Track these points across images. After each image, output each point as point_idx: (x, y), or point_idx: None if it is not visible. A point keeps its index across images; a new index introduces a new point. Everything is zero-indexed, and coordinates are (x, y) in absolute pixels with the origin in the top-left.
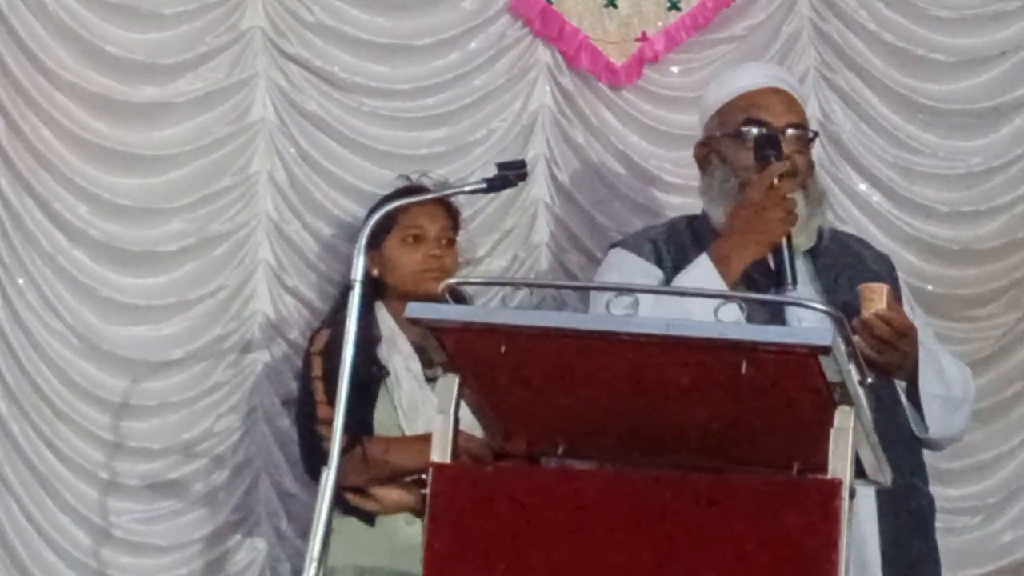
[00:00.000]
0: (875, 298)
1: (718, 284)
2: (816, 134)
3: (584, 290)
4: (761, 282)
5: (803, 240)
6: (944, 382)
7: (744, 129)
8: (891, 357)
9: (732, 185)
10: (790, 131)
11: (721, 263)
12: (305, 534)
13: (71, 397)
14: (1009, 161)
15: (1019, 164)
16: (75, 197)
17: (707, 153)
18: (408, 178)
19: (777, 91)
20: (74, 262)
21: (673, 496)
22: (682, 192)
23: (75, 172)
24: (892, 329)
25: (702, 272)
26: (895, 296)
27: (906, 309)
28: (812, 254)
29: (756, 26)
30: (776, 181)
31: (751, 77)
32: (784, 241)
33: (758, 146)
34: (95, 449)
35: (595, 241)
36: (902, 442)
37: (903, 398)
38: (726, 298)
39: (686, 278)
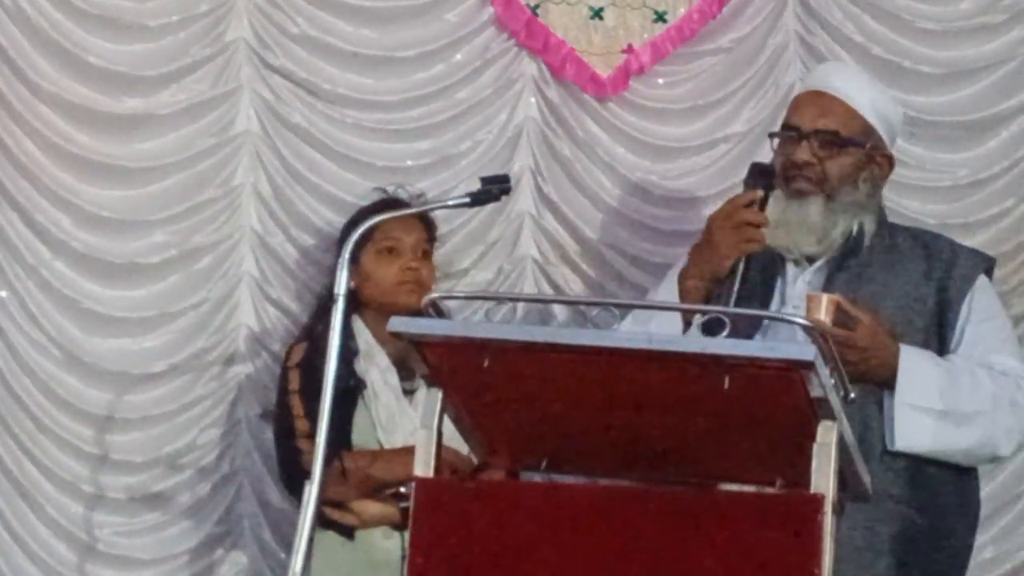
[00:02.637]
0: (812, 307)
1: (675, 300)
2: (853, 139)
3: (568, 304)
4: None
5: (818, 249)
6: (949, 395)
7: (773, 135)
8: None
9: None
10: (815, 135)
11: (679, 280)
12: (288, 546)
13: (53, 410)
14: (995, 174)
15: (1005, 177)
16: (57, 209)
17: None
18: (384, 191)
19: (819, 94)
20: (56, 274)
21: (656, 511)
22: (668, 204)
23: (57, 184)
24: None
25: (668, 289)
26: (850, 307)
27: (975, 315)
28: (834, 263)
29: (742, 38)
30: (742, 207)
31: (808, 80)
32: (742, 265)
33: (750, 174)
34: (77, 462)
35: (580, 254)
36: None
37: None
38: (688, 312)
39: (657, 293)
